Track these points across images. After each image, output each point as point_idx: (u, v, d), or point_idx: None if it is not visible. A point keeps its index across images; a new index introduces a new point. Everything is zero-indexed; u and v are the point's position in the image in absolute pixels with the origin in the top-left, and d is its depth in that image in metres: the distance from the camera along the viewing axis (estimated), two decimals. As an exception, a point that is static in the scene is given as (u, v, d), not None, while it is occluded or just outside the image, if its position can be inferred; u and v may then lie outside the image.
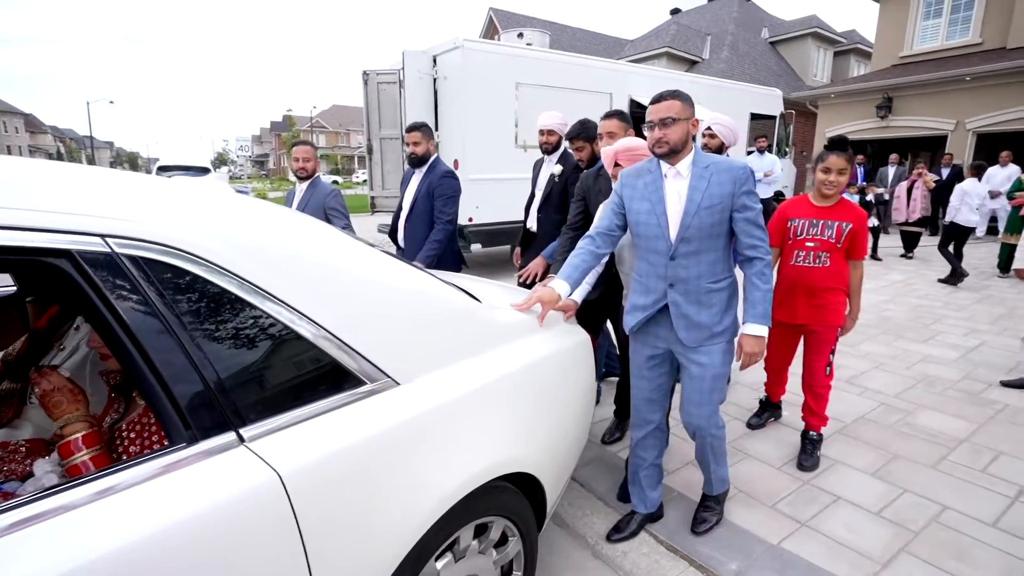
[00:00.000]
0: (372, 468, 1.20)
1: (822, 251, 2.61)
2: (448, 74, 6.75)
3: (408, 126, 3.44)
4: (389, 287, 1.41)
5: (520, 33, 8.18)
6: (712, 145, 3.30)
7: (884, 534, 2.21)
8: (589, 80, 7.58)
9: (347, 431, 1.18)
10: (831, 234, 2.59)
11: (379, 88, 7.24)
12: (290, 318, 1.16)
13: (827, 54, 21.04)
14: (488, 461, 1.44)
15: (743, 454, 2.85)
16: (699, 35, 20.91)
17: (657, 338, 2.08)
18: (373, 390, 1.27)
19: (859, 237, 2.60)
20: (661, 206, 1.94)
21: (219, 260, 1.09)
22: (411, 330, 1.41)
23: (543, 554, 2.16)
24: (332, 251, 1.38)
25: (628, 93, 7.94)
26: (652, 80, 8.48)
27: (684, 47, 19.84)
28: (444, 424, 1.37)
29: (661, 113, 1.87)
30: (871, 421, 3.22)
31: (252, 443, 1.06)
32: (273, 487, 1.03)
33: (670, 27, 21.14)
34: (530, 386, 1.70)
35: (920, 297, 6.31)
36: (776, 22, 22.71)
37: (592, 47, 23.90)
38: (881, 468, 2.71)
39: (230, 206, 1.31)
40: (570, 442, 1.90)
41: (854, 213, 2.60)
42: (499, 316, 1.74)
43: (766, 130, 10.44)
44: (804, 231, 2.66)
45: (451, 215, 3.35)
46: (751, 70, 18.85)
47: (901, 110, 12.51)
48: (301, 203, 3.46)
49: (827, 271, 2.62)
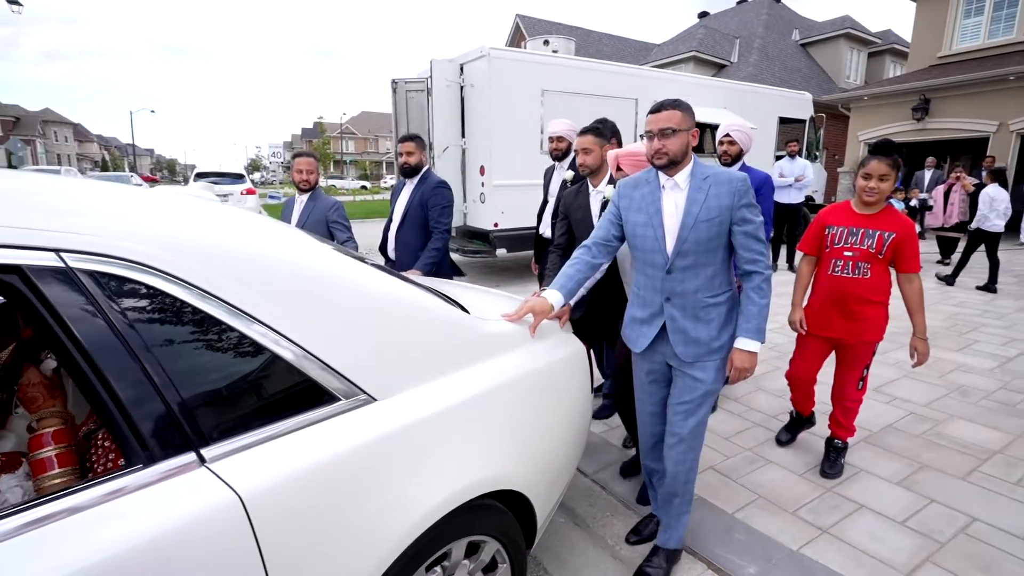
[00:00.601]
0: (343, 489, 1.16)
1: (862, 261, 2.47)
2: (475, 82, 6.87)
3: (401, 136, 3.45)
4: (367, 299, 1.36)
5: (546, 40, 8.26)
6: (732, 152, 3.26)
7: (908, 544, 2.19)
8: (614, 86, 7.61)
9: (318, 450, 1.14)
10: (871, 244, 2.44)
11: (407, 96, 7.41)
12: (258, 332, 1.12)
13: (861, 55, 20.53)
14: (470, 479, 1.39)
15: (764, 460, 2.85)
16: (727, 38, 20.68)
17: (655, 352, 2.03)
18: (348, 407, 1.23)
19: (905, 248, 2.42)
20: (658, 218, 1.89)
21: (181, 273, 1.05)
22: (391, 344, 1.36)
23: (564, 553, 2.21)
24: (306, 262, 1.33)
25: (654, 98, 7.91)
26: (678, 85, 8.46)
27: (712, 51, 19.64)
28: (422, 441, 1.32)
29: (661, 123, 1.82)
30: (899, 430, 3.17)
31: (213, 464, 1.02)
32: (233, 510, 0.99)
33: (697, 31, 20.96)
34: (519, 400, 1.64)
35: (957, 305, 6.13)
36: (807, 24, 22.29)
37: (618, 52, 23.87)
38: (908, 478, 2.67)
39: (198, 217, 1.27)
40: (562, 458, 1.84)
41: (898, 222, 2.44)
42: (488, 327, 1.68)
43: (796, 134, 10.29)
44: (842, 239, 2.53)
45: (448, 224, 3.36)
46: (781, 73, 18.54)
47: (939, 112, 12.14)
48: (303, 215, 3.45)
49: (867, 283, 2.48)
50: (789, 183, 8.21)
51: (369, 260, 1.74)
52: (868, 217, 2.50)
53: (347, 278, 1.37)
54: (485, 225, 7.03)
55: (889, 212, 2.49)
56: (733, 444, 3.01)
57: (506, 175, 6.97)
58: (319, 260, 1.37)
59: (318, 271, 1.32)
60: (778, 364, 4.21)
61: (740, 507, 2.44)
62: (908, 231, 2.43)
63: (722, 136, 3.29)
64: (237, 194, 13.33)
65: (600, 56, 22.67)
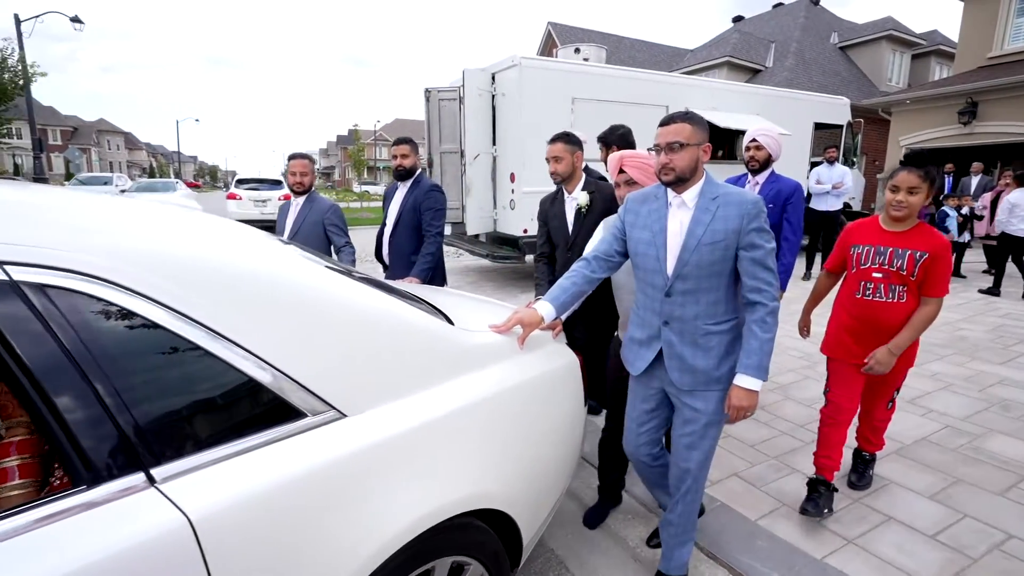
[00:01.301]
0: (305, 510, 1.11)
1: (895, 283, 2.25)
2: (506, 90, 6.99)
3: (396, 139, 3.35)
4: (338, 311, 1.31)
5: (577, 48, 8.33)
6: (759, 157, 3.13)
7: (938, 558, 2.16)
8: (644, 93, 7.62)
9: (279, 469, 1.10)
10: (901, 264, 2.22)
11: (440, 104, 7.58)
12: (217, 346, 1.07)
13: (904, 57, 19.88)
14: (447, 498, 1.34)
15: (790, 468, 2.83)
16: (762, 43, 20.33)
17: (652, 377, 1.93)
18: (315, 424, 1.19)
19: (936, 269, 2.18)
20: (661, 237, 1.79)
21: (132, 283, 1.02)
22: (363, 358, 1.31)
23: (585, 554, 2.26)
24: (272, 271, 1.28)
25: (685, 105, 7.90)
26: (708, 92, 8.41)
27: (746, 56, 19.35)
28: (395, 459, 1.27)
29: (669, 137, 1.71)
30: (933, 443, 3.09)
31: (164, 484, 0.97)
32: (180, 533, 0.94)
33: (731, 36, 20.68)
34: (504, 414, 1.58)
35: (1002, 316, 5.89)
36: (847, 26, 21.72)
37: (651, 59, 23.74)
38: (941, 492, 2.62)
39: (158, 227, 1.23)
40: (552, 474, 1.77)
41: (931, 240, 2.20)
42: (472, 339, 1.62)
43: (832, 140, 10.06)
44: (869, 259, 2.30)
45: (440, 228, 3.30)
46: (818, 77, 18.12)
47: (987, 115, 11.66)
48: (299, 218, 3.37)
49: (904, 308, 2.26)
50: (827, 190, 8.05)
51: (356, 272, 1.75)
52: (898, 235, 2.27)
53: (316, 289, 1.32)
54: (515, 231, 7.13)
55: (921, 229, 2.25)
56: (758, 452, 3.00)
57: (536, 182, 7.05)
58: (287, 270, 1.32)
59: (285, 281, 1.27)
60: (807, 373, 4.15)
61: (764, 514, 2.44)
62: (941, 251, 2.19)
63: (748, 142, 3.18)
64: (275, 200, 13.81)
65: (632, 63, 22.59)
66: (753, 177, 3.20)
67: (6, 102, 20.81)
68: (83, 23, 19.79)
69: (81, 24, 19.76)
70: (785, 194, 3.07)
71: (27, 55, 20.31)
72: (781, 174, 3.20)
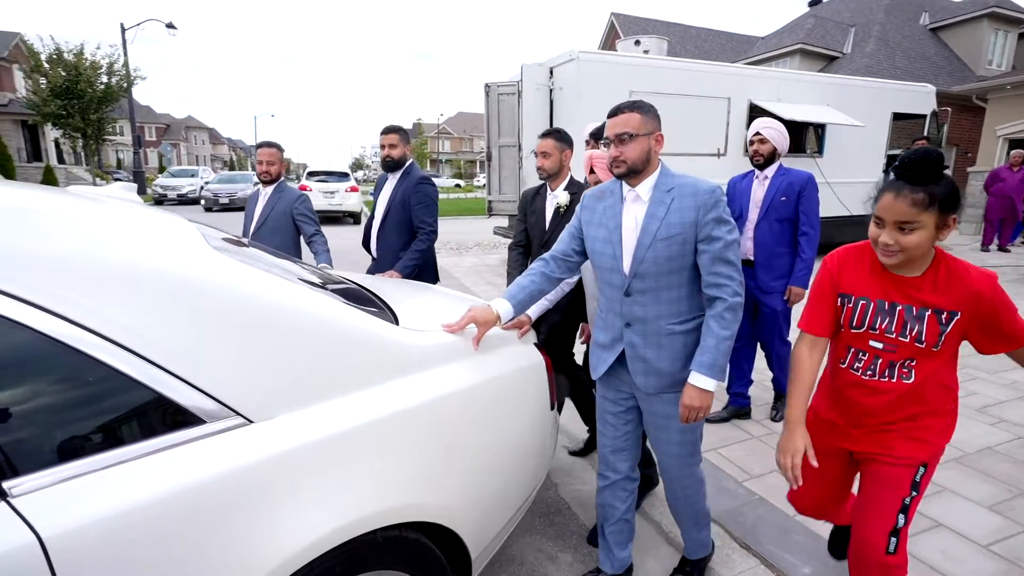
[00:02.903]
0: (191, 524, 1.01)
1: (904, 357, 1.45)
2: (563, 85, 7.06)
3: (384, 128, 3.20)
4: (248, 308, 1.20)
5: (637, 40, 8.26)
6: (763, 151, 3.01)
7: (989, 568, 2.09)
8: (706, 85, 7.46)
9: (160, 481, 0.99)
10: (917, 331, 1.42)
11: (499, 99, 7.75)
12: (90, 346, 0.97)
13: (1008, 37, 18.10)
14: (367, 511, 1.23)
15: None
16: (840, 28, 19.12)
17: (620, 381, 1.85)
18: (213, 430, 1.08)
19: (993, 322, 1.40)
20: (617, 234, 1.71)
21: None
22: (276, 359, 1.20)
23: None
24: (164, 263, 1.14)
25: (748, 97, 7.67)
26: (773, 82, 8.10)
27: (821, 42, 18.28)
28: (304, 469, 1.17)
29: (617, 128, 1.65)
30: (1000, 454, 2.94)
31: (18, 499, 0.88)
32: (27, 553, 0.85)
33: (806, 21, 19.58)
34: (446, 421, 1.47)
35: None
36: (940, 5, 20.01)
37: (718, 48, 22.90)
38: (1002, 503, 2.51)
39: (27, 218, 1.12)
40: (508, 485, 1.66)
41: (966, 288, 1.38)
42: (414, 339, 1.51)
43: (915, 130, 9.42)
44: (866, 319, 1.49)
45: (433, 224, 3.15)
46: (903, 62, 16.87)
47: (1102, 102, 10.51)
48: (266, 208, 3.30)
49: (908, 393, 1.47)
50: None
51: (302, 264, 1.73)
52: (909, 282, 1.43)
53: (220, 284, 1.20)
54: (568, 225, 7.22)
55: (947, 271, 1.40)
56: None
57: (591, 176, 7.11)
58: (185, 263, 1.18)
59: (180, 275, 1.14)
60: (867, 376, 4.01)
61: (803, 511, 2.44)
62: (986, 298, 1.37)
63: (752, 135, 3.08)
64: (342, 191, 14.52)
65: (698, 53, 21.89)
66: (760, 172, 3.11)
67: (112, 103, 22.94)
68: (176, 28, 21.48)
69: (175, 29, 21.45)
70: (797, 186, 2.98)
71: (129, 60, 22.32)
72: (790, 167, 3.08)
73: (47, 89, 21.46)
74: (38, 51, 21.67)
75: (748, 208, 3.13)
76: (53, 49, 21.56)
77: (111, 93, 22.71)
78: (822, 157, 8.44)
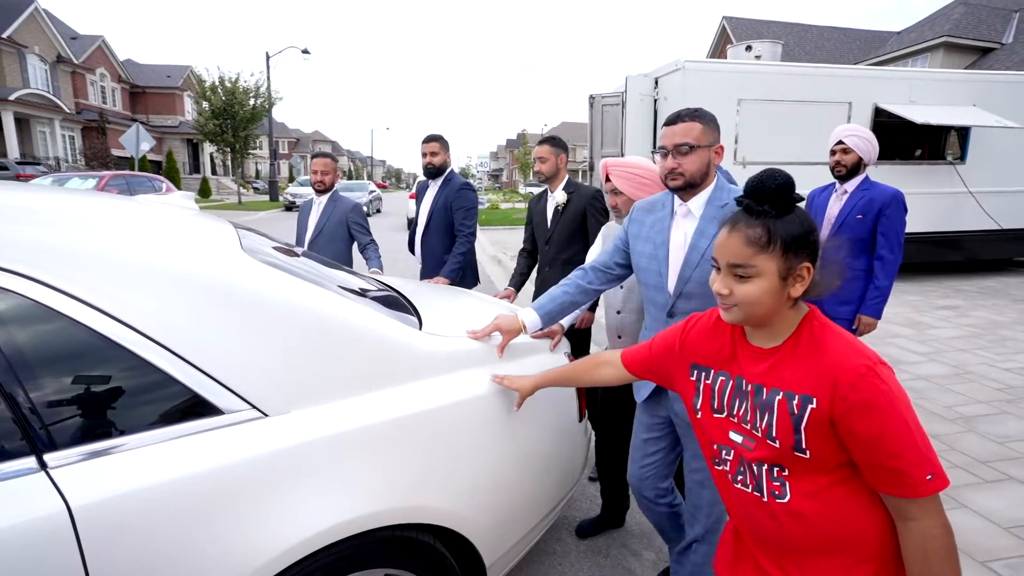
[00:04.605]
0: (205, 507, 1.09)
1: (765, 460, 1.03)
2: (668, 95, 7.02)
3: (426, 136, 3.30)
4: (269, 308, 1.26)
5: (749, 46, 7.97)
6: (847, 162, 2.75)
7: None
8: (823, 90, 7.02)
9: (179, 465, 1.08)
10: (767, 423, 1.01)
11: (603, 110, 7.86)
12: (124, 335, 1.08)
13: None
14: (369, 509, 1.26)
15: (958, 503, 2.59)
16: (998, 14, 16.86)
17: (659, 406, 1.75)
18: (230, 422, 1.15)
19: (860, 428, 0.91)
20: (664, 251, 1.63)
21: (36, 272, 1.03)
22: (292, 357, 1.26)
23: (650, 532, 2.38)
24: (198, 266, 1.23)
25: (873, 101, 7.09)
26: (905, 83, 7.37)
27: (973, 33, 16.24)
28: (312, 464, 1.21)
29: (676, 138, 1.54)
30: None
31: (55, 471, 0.99)
32: (58, 521, 0.95)
33: (954, 10, 17.48)
34: (461, 426, 1.48)
35: None
36: None
37: (842, 47, 21.19)
38: None
39: (76, 217, 1.24)
40: (528, 495, 1.64)
41: (825, 361, 0.96)
42: (436, 344, 1.53)
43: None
44: (718, 402, 1.12)
45: (472, 228, 3.24)
46: (1081, 52, 14.52)
47: None
48: (323, 217, 3.35)
49: (803, 521, 0.99)
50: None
51: (346, 269, 1.81)
52: (762, 353, 1.06)
53: (245, 285, 1.27)
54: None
55: (809, 339, 1.00)
56: (919, 480, 2.78)
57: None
58: (215, 266, 1.27)
59: (211, 277, 1.23)
60: (1005, 408, 3.61)
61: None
62: (842, 388, 0.92)
63: (834, 144, 2.79)
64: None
65: (819, 54, 20.40)
66: (841, 185, 2.85)
67: (257, 122, 26.15)
68: (310, 53, 24.01)
69: (308, 54, 23.99)
70: (878, 204, 2.69)
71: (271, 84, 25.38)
72: (877, 181, 2.79)
73: (209, 111, 24.92)
74: (204, 80, 25.25)
75: (821, 225, 2.90)
76: (216, 78, 25.04)
77: (257, 113, 25.88)
78: (964, 164, 7.56)
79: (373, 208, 22.04)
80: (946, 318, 5.87)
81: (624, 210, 2.07)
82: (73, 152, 27.25)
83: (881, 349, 4.82)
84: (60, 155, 25.64)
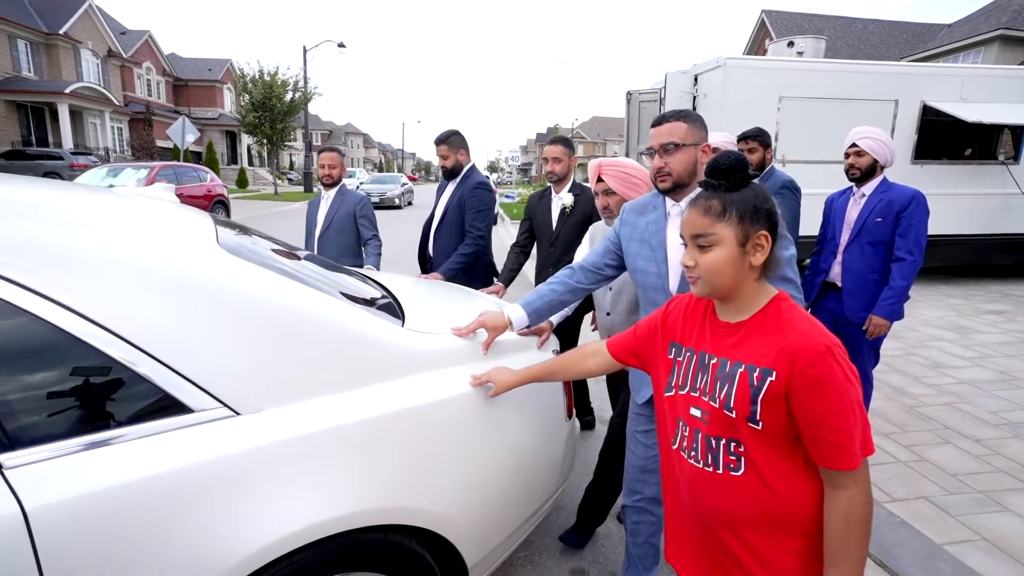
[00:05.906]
0: (170, 507, 1.05)
1: (721, 435, 1.09)
2: (708, 92, 6.97)
3: (435, 139, 3.25)
4: (242, 303, 1.22)
5: (791, 42, 7.83)
6: (860, 164, 2.72)
7: None
8: (867, 87, 6.86)
9: (142, 464, 1.04)
10: (727, 394, 1.07)
11: (640, 106, 7.85)
12: (88, 330, 1.03)
13: None
14: (344, 510, 1.22)
15: (1001, 506, 2.59)
16: (1060, 7, 16.03)
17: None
18: (199, 420, 1.12)
19: (812, 403, 0.99)
20: (661, 252, 1.64)
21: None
22: (265, 354, 1.22)
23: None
24: (166, 256, 1.19)
25: (921, 99, 6.90)
26: (956, 79, 7.11)
27: (1032, 25, 15.50)
28: (286, 464, 1.18)
29: (662, 138, 1.58)
30: None
31: (11, 472, 0.95)
32: (12, 523, 0.92)
33: (1012, 1, 16.70)
34: (443, 425, 1.45)
35: None
36: None
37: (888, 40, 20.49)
38: None
39: (29, 202, 1.20)
40: (511, 495, 1.61)
41: (788, 337, 1.02)
42: (418, 341, 1.50)
43: None
44: (683, 377, 1.18)
45: (483, 230, 3.11)
46: None
47: None
48: (331, 210, 3.39)
49: (749, 492, 1.07)
50: None
51: (301, 252, 1.76)
52: (728, 328, 1.13)
53: (216, 280, 1.23)
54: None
55: (776, 316, 1.06)
56: (960, 482, 2.78)
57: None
58: (185, 260, 1.22)
59: (183, 270, 1.19)
60: (1054, 415, 3.55)
61: (953, 541, 2.33)
62: (800, 363, 0.99)
63: (847, 147, 2.76)
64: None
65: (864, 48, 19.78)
66: (859, 188, 2.80)
67: (294, 115, 26.80)
68: (346, 47, 24.39)
69: (344, 48, 24.38)
70: (898, 205, 2.65)
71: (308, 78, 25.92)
72: (895, 182, 2.73)
73: (248, 104, 25.63)
74: (244, 73, 25.96)
75: (840, 229, 2.87)
76: (256, 71, 25.71)
77: (294, 106, 26.50)
78: (1018, 165, 7.30)
79: (405, 200, 22.35)
80: (992, 323, 5.73)
81: (615, 210, 2.08)
82: (121, 143, 28.44)
83: (921, 352, 4.76)
84: (109, 146, 26.81)
